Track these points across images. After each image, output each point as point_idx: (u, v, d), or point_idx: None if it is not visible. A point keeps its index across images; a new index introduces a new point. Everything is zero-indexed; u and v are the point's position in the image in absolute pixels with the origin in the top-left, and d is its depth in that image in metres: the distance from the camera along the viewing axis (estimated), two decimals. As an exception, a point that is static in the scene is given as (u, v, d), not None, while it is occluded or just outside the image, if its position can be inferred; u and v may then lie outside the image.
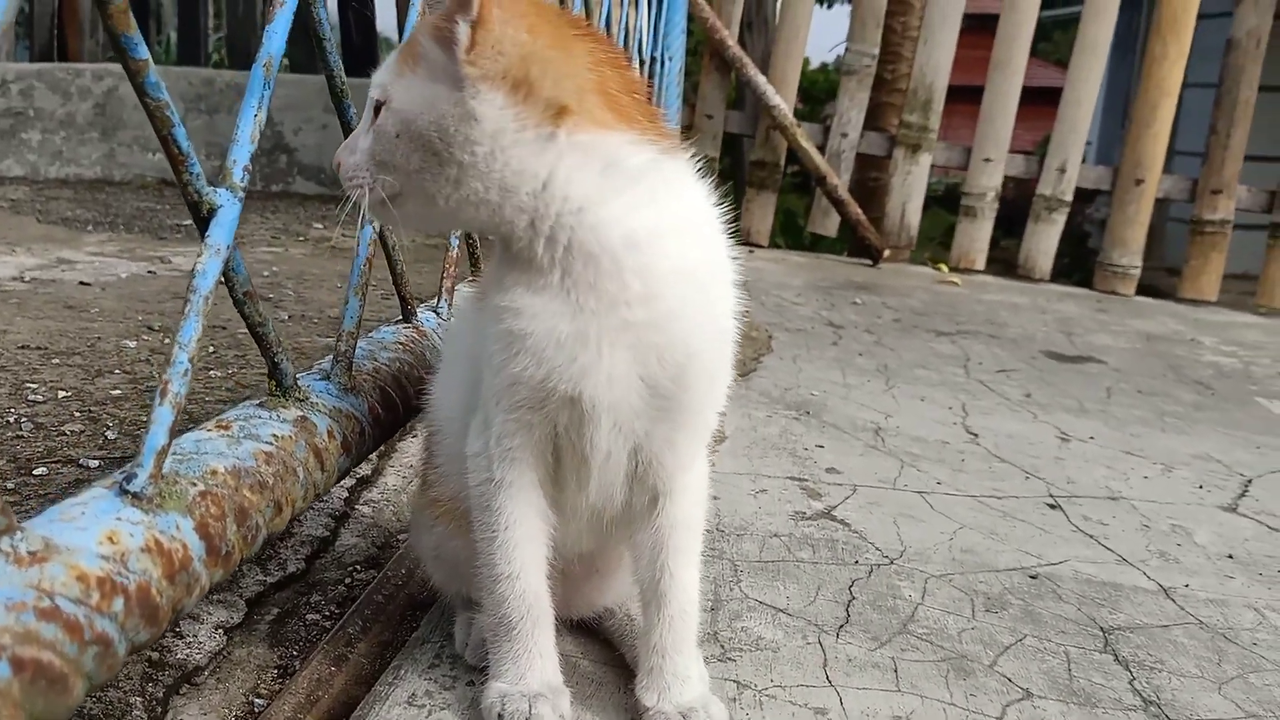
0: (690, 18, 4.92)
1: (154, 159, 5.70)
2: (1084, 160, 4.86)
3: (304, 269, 3.52)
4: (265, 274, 3.36)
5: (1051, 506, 1.97)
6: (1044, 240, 4.87)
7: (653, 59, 3.79)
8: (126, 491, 0.78)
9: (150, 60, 0.79)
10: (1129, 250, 4.75)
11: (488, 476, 1.05)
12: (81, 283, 2.97)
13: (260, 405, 1.04)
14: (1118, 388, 3.01)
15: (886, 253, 4.85)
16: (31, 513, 0.75)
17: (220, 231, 0.88)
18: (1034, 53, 4.77)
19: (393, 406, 1.25)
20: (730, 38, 4.88)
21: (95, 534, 0.73)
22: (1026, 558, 1.70)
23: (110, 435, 1.76)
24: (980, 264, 4.92)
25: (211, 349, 2.34)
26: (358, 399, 1.17)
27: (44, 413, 1.85)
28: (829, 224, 4.98)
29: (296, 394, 1.07)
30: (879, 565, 1.60)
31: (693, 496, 1.07)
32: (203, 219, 0.89)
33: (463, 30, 0.89)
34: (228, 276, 0.94)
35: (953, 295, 4.33)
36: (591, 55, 0.96)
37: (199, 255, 0.87)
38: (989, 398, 2.74)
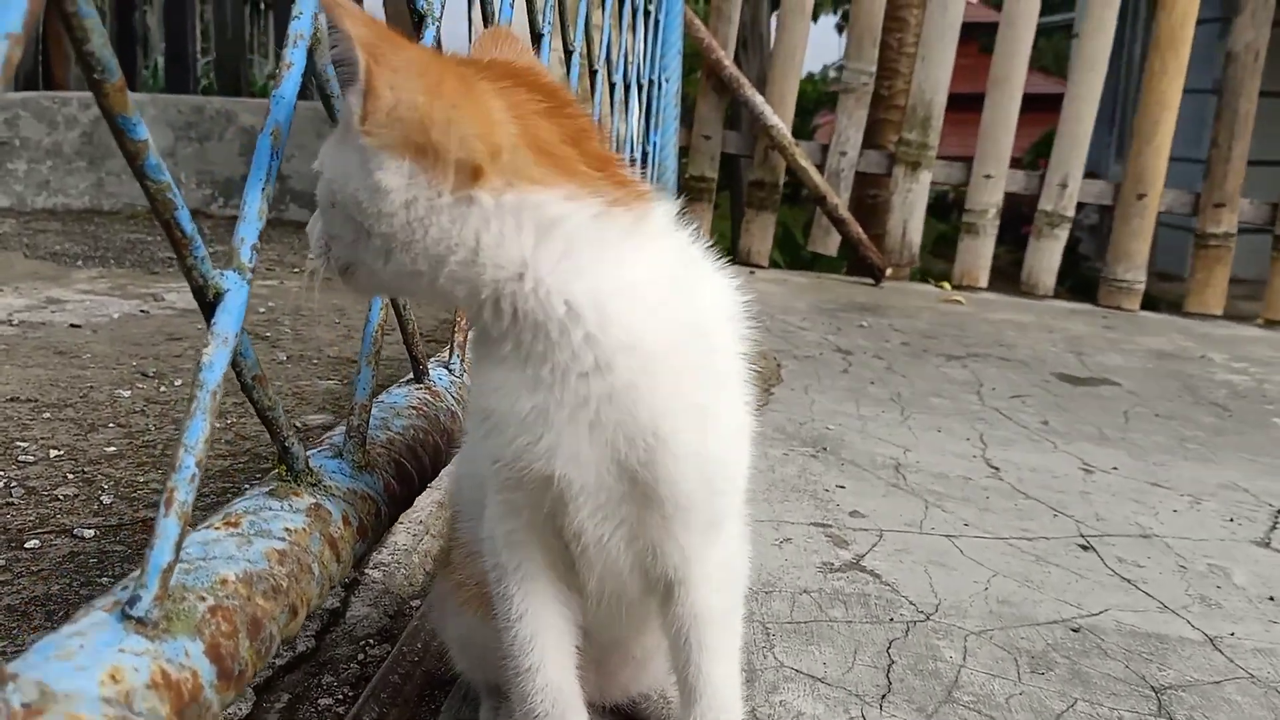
0: (685, 38, 4.87)
1: (142, 190, 5.61)
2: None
3: (300, 304, 3.45)
4: (261, 310, 3.29)
5: (1084, 548, 1.91)
6: (1046, 257, 4.81)
7: (650, 82, 3.74)
8: (129, 616, 0.71)
9: (150, 141, 0.72)
10: (1133, 265, 4.70)
11: (496, 561, 0.98)
12: (72, 325, 2.89)
13: (270, 493, 0.97)
14: (1135, 412, 2.95)
15: (889, 271, 4.79)
16: (28, 642, 0.68)
17: (228, 319, 0.81)
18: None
19: (408, 479, 1.18)
20: (727, 58, 4.82)
21: (96, 674, 0.65)
22: (1066, 608, 1.63)
23: (105, 499, 1.68)
24: (983, 281, 4.86)
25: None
26: (373, 477, 1.09)
27: (35, 475, 1.77)
28: (829, 243, 4.92)
29: (309, 478, 1.00)
30: (915, 622, 1.53)
31: (715, 584, 0.97)
32: (208, 304, 0.81)
33: (353, 100, 0.81)
34: (235, 362, 0.87)
35: (958, 315, 4.27)
36: (513, 106, 0.85)
37: (205, 345, 0.80)
38: (1006, 427, 2.68)
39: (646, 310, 0.87)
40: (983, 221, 4.82)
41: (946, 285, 4.88)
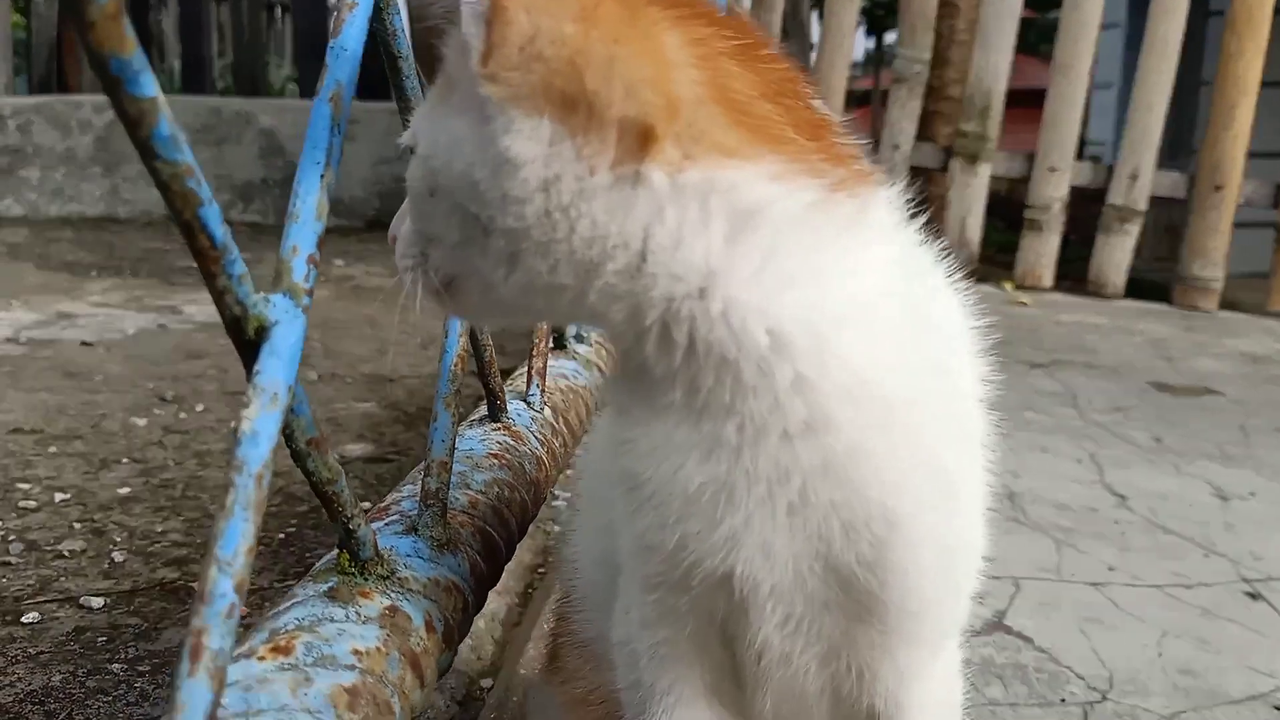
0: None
1: (160, 195, 5.39)
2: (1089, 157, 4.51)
3: (329, 315, 3.20)
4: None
5: (1251, 596, 1.64)
6: (1116, 253, 4.52)
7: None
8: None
9: (161, 102, 0.46)
10: (1210, 261, 4.40)
11: (636, 679, 0.72)
12: (83, 343, 2.65)
13: (331, 594, 0.71)
14: (1250, 425, 2.66)
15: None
16: None
17: (277, 365, 0.55)
18: (1037, 53, 4.44)
19: (494, 552, 0.92)
20: (771, 47, 4.55)
21: None
22: (1258, 677, 1.37)
23: (117, 556, 1.43)
24: (1048, 280, 4.58)
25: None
26: (456, 558, 0.83)
27: (38, 525, 1.52)
28: (882, 243, 4.64)
29: (379, 568, 0.74)
30: (1091, 703, 1.27)
31: (934, 712, 0.72)
32: (248, 342, 0.56)
33: (470, 32, 0.55)
34: (286, 423, 0.61)
35: (1028, 317, 3.99)
36: (694, 42, 0.58)
37: (244, 406, 0.54)
38: (1116, 445, 2.40)
39: (881, 342, 0.60)
40: (1046, 217, 4.54)
41: (1009, 285, 4.60)
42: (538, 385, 1.23)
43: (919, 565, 0.63)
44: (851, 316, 0.60)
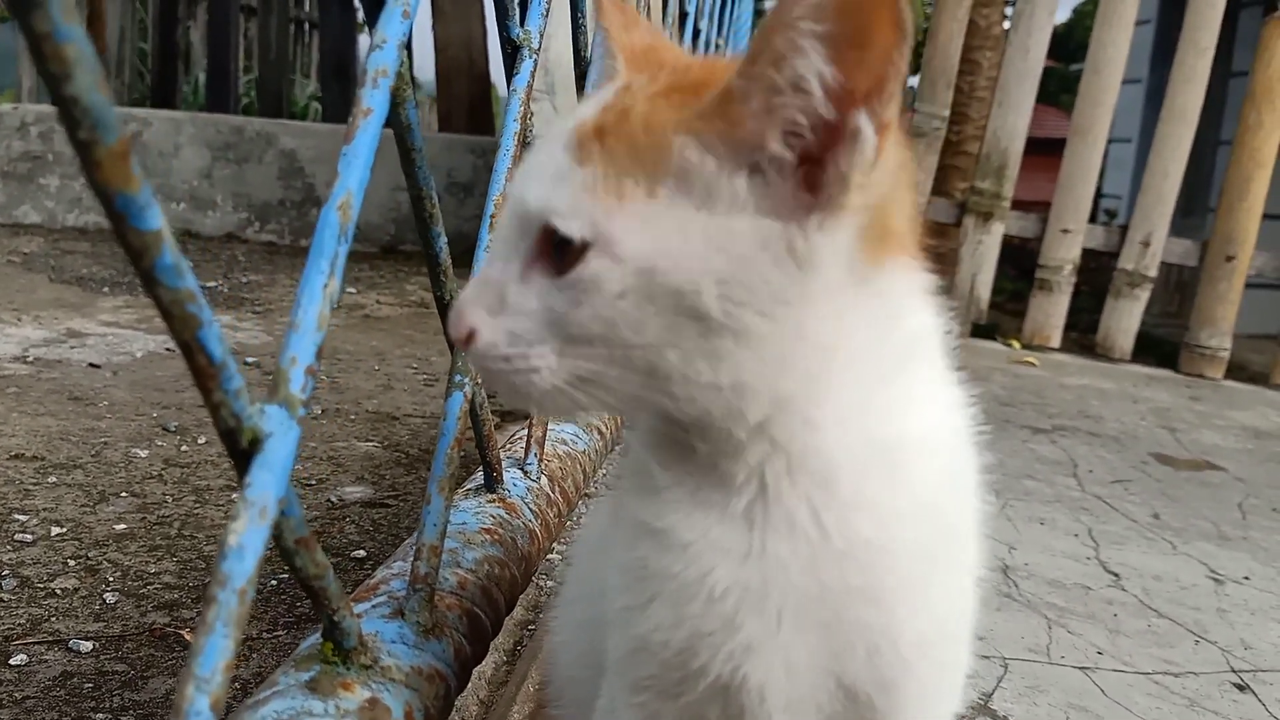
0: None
1: (177, 209, 5.43)
2: (1102, 218, 4.52)
3: (337, 345, 3.21)
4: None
5: (1239, 687, 1.63)
6: (1124, 318, 4.53)
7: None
8: None
9: (165, 233, 0.47)
10: (1218, 331, 4.40)
11: None
12: (91, 364, 2.66)
13: (311, 685, 0.71)
14: (1249, 505, 2.66)
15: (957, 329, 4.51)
16: None
17: (268, 479, 0.56)
18: (1056, 103, 4.46)
19: (481, 635, 0.92)
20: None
21: None
22: (1242, 778, 1.36)
23: (109, 597, 1.43)
24: (1056, 341, 4.58)
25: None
26: (442, 644, 0.84)
27: (32, 560, 1.53)
28: (892, 295, 4.65)
29: (362, 657, 0.75)
30: (1073, 799, 1.26)
31: None
32: (241, 451, 0.57)
33: (868, 135, 0.54)
34: (276, 524, 0.62)
35: (1034, 379, 3.99)
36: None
37: (233, 519, 0.55)
38: (1114, 520, 2.40)
39: (943, 471, 0.63)
40: (1058, 278, 4.55)
41: (1016, 343, 4.60)
42: (535, 454, 1.24)
43: (929, 688, 0.65)
44: (937, 443, 0.62)
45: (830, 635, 0.61)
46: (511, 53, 1.08)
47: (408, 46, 0.74)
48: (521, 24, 1.09)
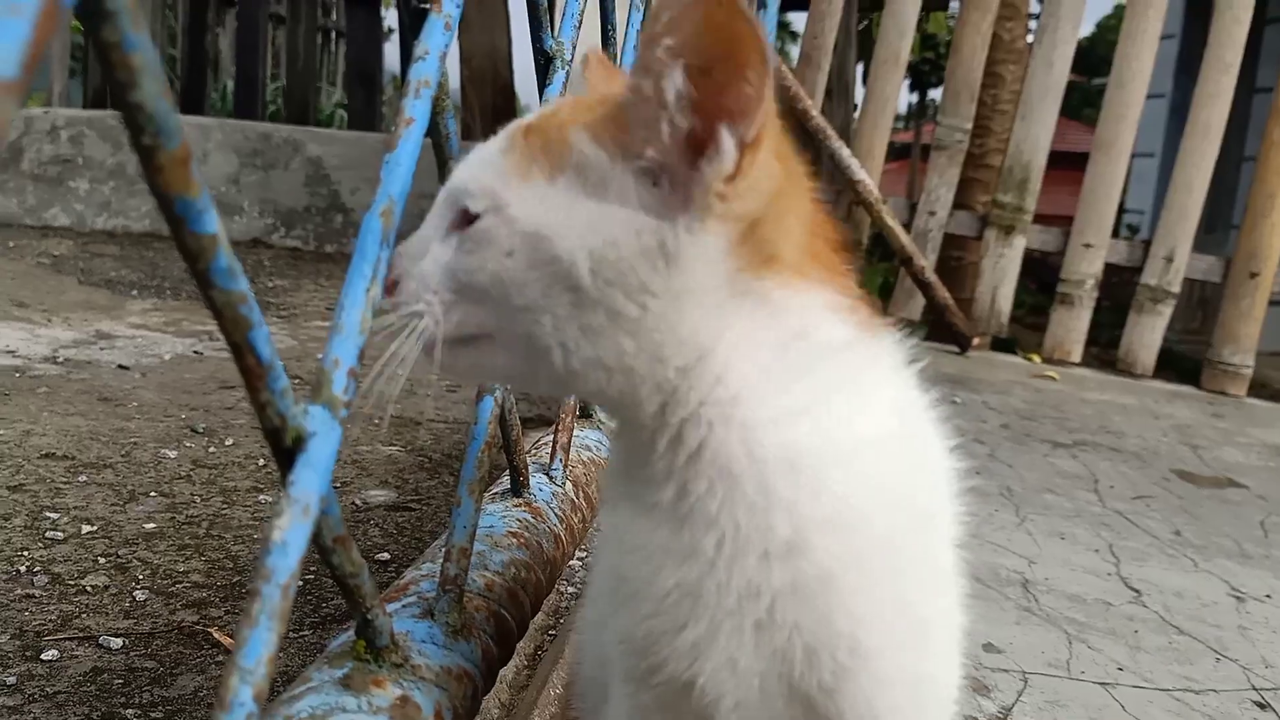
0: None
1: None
2: (1125, 233, 4.50)
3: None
4: (319, 356, 3.08)
5: (1260, 706, 1.63)
6: (1147, 333, 4.51)
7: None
8: None
9: (221, 237, 0.49)
10: (1241, 348, 4.38)
11: None
12: (120, 366, 2.69)
13: (344, 682, 0.73)
14: (1271, 523, 2.65)
15: (976, 341, 4.51)
16: None
17: (311, 476, 0.58)
18: (1079, 117, 4.46)
19: (507, 636, 0.94)
20: (814, 107, 4.59)
21: None
22: (1262, 795, 1.36)
23: (139, 595, 1.45)
24: (1076, 356, 4.57)
25: (263, 462, 2.03)
26: (470, 644, 0.85)
27: (62, 557, 1.55)
28: (914, 307, 4.65)
29: (393, 655, 0.76)
30: (1092, 812, 1.27)
31: None
32: (285, 450, 0.58)
33: (728, 149, 0.59)
34: (315, 521, 0.64)
35: (1054, 393, 3.98)
36: (809, 185, 0.68)
37: (276, 514, 0.57)
38: (1136, 536, 2.39)
39: (875, 481, 0.64)
40: (1079, 292, 4.54)
41: (1036, 358, 4.59)
42: (561, 459, 1.25)
43: (888, 702, 0.65)
44: (854, 452, 0.64)
45: (768, 635, 0.64)
46: (544, 64, 1.10)
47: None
48: (555, 35, 1.11)
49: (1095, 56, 13.96)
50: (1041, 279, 5.63)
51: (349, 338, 0.62)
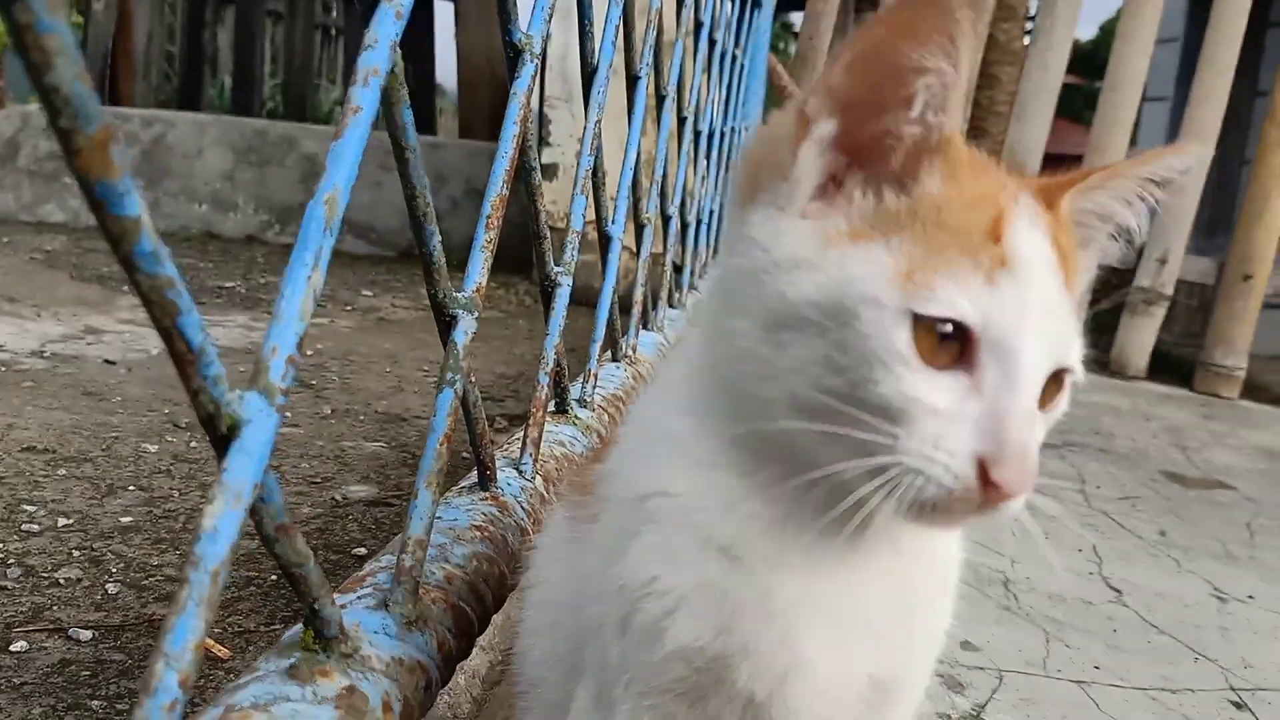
0: (769, 87, 4.65)
1: (200, 210, 5.48)
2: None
3: (351, 347, 3.24)
4: (308, 353, 3.09)
5: (1237, 706, 1.62)
6: (1140, 335, 4.51)
7: (731, 130, 3.51)
8: None
9: (144, 220, 0.49)
10: (1234, 350, 4.38)
11: None
12: (106, 361, 2.69)
13: (291, 672, 0.73)
14: (1258, 524, 2.65)
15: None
16: None
17: (245, 463, 0.57)
18: (1083, 120, 4.45)
19: (466, 629, 0.93)
20: (809, 108, 4.58)
21: None
22: (1234, 795, 1.36)
23: (111, 588, 1.45)
24: (1070, 358, 4.56)
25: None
26: (424, 635, 0.85)
27: (37, 550, 1.55)
28: (907, 308, 4.64)
29: (342, 646, 0.76)
30: (1061, 810, 1.26)
31: None
32: (220, 437, 0.58)
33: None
34: (255, 509, 0.63)
35: (1046, 395, 3.97)
36: None
37: (210, 501, 0.56)
38: (1120, 537, 2.39)
39: None
40: (1073, 295, 4.53)
41: (1030, 360, 4.59)
42: (531, 455, 1.25)
43: (925, 673, 0.72)
44: None
45: (880, 629, 0.66)
46: (514, 56, 1.10)
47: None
48: (524, 28, 1.11)
49: (1098, 59, 13.94)
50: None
51: (288, 325, 0.62)
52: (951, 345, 0.56)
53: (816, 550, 0.64)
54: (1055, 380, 0.61)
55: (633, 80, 1.77)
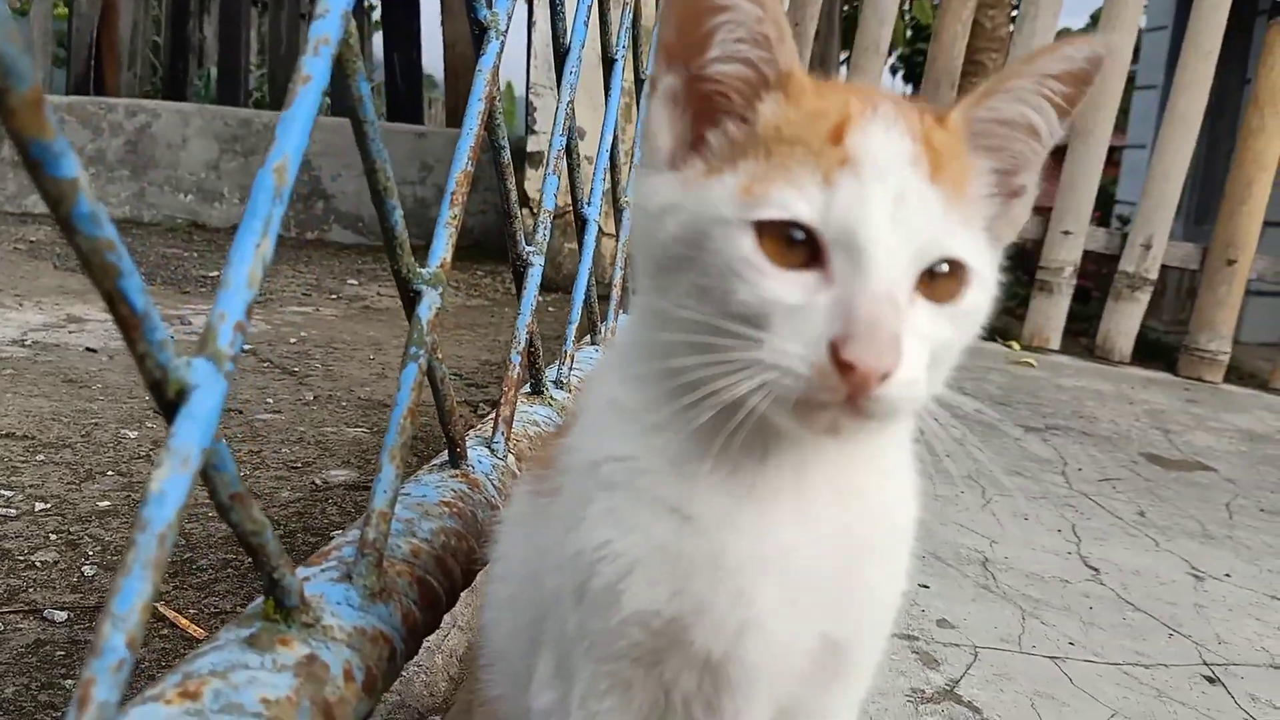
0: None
1: (185, 200, 5.47)
2: (1115, 224, 4.51)
3: (335, 334, 3.24)
4: (292, 340, 3.08)
5: (1210, 680, 1.64)
6: (1125, 320, 4.53)
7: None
8: None
9: (82, 182, 0.49)
10: (1218, 334, 4.40)
11: None
12: (87, 349, 2.69)
13: (250, 641, 0.73)
14: (1237, 505, 2.66)
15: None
16: None
17: (193, 428, 0.58)
18: None
19: (434, 602, 0.94)
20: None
21: None
22: (1204, 767, 1.37)
23: (87, 570, 1.46)
24: (1055, 343, 4.58)
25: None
26: (388, 607, 0.86)
27: (14, 533, 1.55)
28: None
29: (303, 615, 0.77)
30: (1030, 782, 1.27)
31: None
32: (168, 403, 0.58)
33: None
34: (207, 477, 0.64)
35: (1030, 379, 3.99)
36: None
37: (157, 465, 0.57)
38: (1099, 517, 2.40)
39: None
40: (1058, 280, 4.55)
41: (1015, 345, 4.60)
42: (503, 433, 1.26)
43: (884, 631, 0.73)
44: None
45: (832, 587, 0.66)
46: (479, 34, 1.10)
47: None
48: (489, 6, 1.11)
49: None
50: (1023, 268, 5.65)
51: (237, 292, 0.62)
52: (802, 248, 0.58)
53: (767, 505, 0.64)
54: (952, 276, 0.61)
55: (609, 63, 1.77)
